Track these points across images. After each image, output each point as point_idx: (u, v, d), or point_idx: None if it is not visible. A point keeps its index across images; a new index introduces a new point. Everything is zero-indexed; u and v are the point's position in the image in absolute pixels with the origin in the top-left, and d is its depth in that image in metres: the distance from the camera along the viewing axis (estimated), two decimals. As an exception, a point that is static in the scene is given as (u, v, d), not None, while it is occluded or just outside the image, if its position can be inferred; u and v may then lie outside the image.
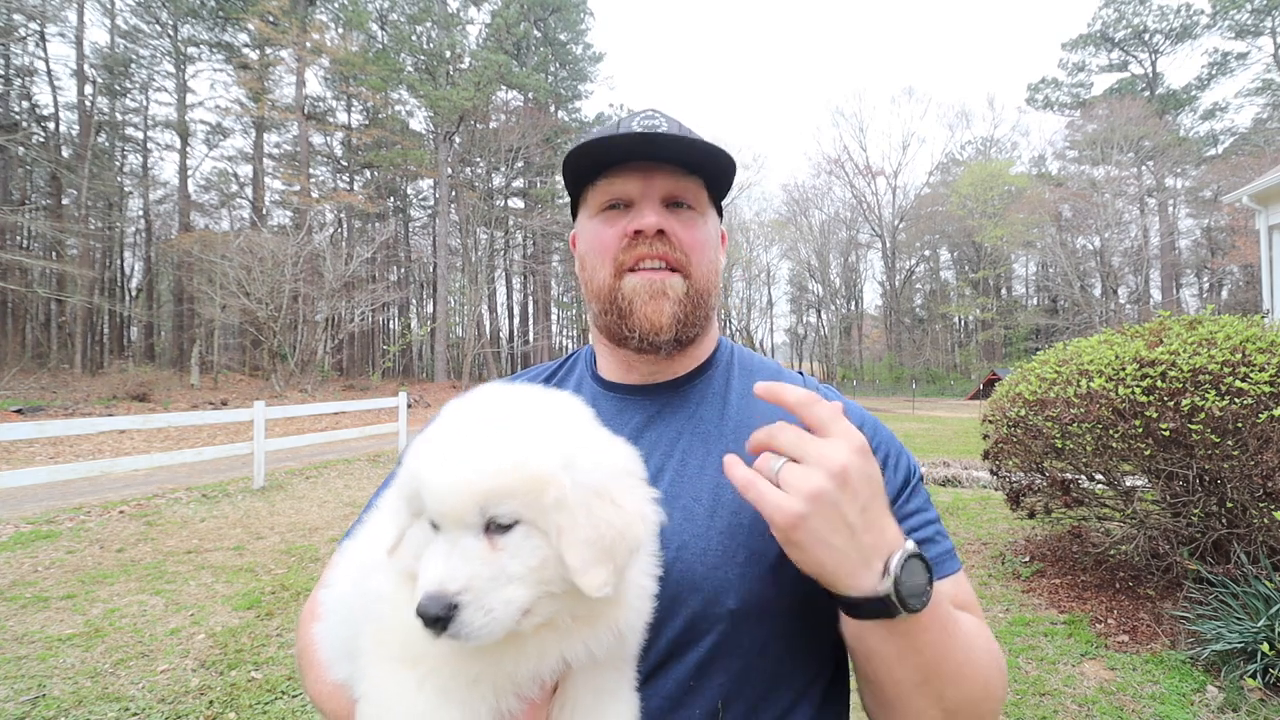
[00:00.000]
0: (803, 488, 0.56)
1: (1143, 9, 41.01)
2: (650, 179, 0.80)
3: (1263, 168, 21.83)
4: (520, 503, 0.52)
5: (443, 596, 0.50)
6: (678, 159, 0.80)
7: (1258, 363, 3.30)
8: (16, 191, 27.25)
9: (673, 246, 0.79)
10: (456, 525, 0.52)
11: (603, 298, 0.82)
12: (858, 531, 0.57)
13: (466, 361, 34.51)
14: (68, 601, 4.19)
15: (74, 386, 21.27)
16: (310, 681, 0.75)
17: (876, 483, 0.60)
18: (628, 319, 0.80)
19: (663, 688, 0.69)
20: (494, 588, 0.51)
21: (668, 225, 0.79)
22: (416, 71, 35.15)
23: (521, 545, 0.52)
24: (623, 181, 0.80)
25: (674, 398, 0.85)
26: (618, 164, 0.81)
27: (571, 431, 0.58)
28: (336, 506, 7.10)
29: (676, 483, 0.76)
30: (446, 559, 0.52)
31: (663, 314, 0.79)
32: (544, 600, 0.53)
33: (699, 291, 0.81)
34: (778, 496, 0.57)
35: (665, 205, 0.81)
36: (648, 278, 0.79)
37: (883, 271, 51.07)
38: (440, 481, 0.52)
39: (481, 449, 0.53)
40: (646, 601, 0.62)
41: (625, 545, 0.54)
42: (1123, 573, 4.17)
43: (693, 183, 0.82)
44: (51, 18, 25.10)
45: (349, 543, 0.75)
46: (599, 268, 0.82)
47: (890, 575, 0.57)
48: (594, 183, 0.84)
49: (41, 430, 6.16)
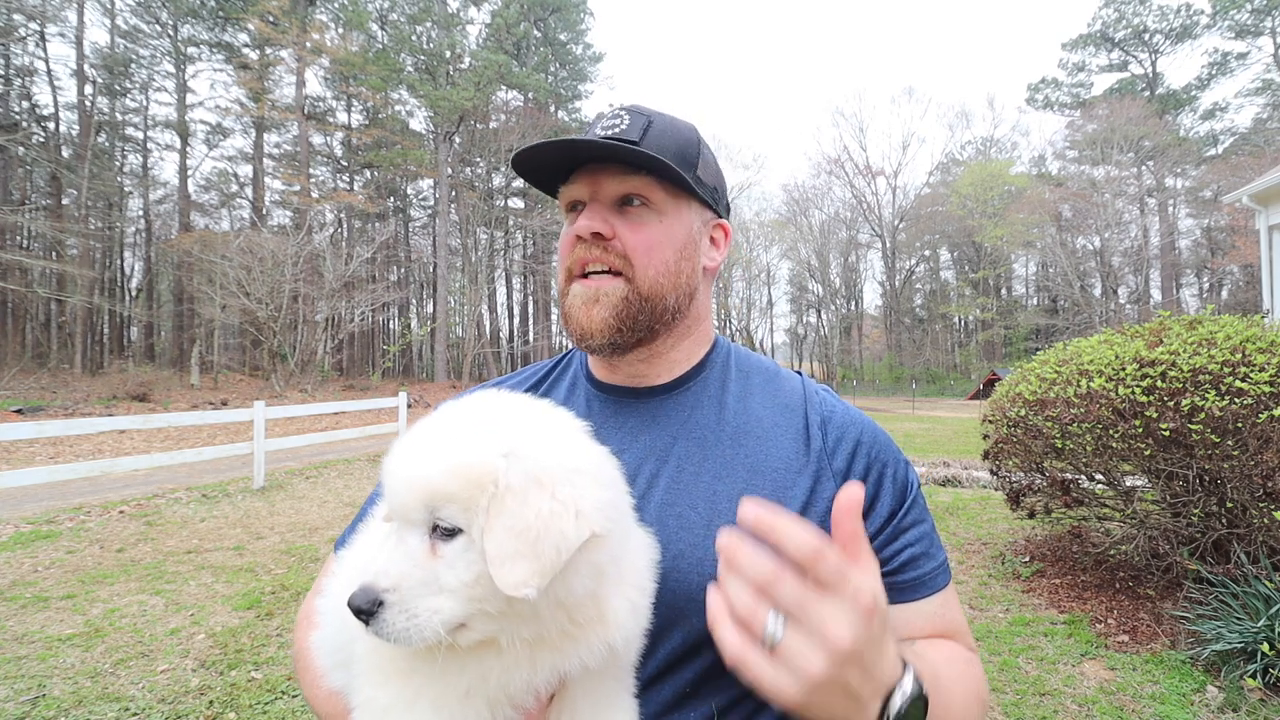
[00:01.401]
0: (804, 671, 0.49)
1: (1143, 9, 41.01)
2: (597, 180, 0.79)
3: (1263, 168, 21.83)
4: (460, 507, 0.51)
5: (372, 590, 0.50)
6: (616, 157, 0.77)
7: (1258, 363, 3.30)
8: (16, 191, 27.24)
9: (608, 250, 0.78)
10: (406, 521, 0.53)
11: (559, 302, 0.85)
12: (858, 693, 0.52)
13: (466, 361, 34.52)
14: (68, 601, 4.19)
15: (74, 386, 21.27)
16: (307, 686, 0.74)
17: (882, 640, 0.53)
18: (569, 323, 0.82)
19: (659, 696, 0.69)
20: (423, 594, 0.50)
21: (607, 228, 0.78)
22: (416, 71, 35.14)
23: (459, 557, 0.51)
24: (576, 185, 0.81)
25: (668, 401, 0.84)
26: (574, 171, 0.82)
27: (526, 429, 0.56)
28: (336, 506, 7.10)
29: (672, 489, 0.75)
30: (390, 554, 0.52)
31: (593, 320, 0.78)
32: (479, 617, 0.52)
33: (643, 295, 0.78)
34: (774, 679, 0.50)
35: (617, 205, 0.80)
36: (584, 285, 0.80)
37: (883, 271, 51.12)
38: (392, 477, 0.53)
39: (434, 450, 0.53)
40: (640, 617, 0.61)
41: (551, 540, 0.49)
42: (1123, 573, 4.17)
43: (642, 179, 0.78)
44: (51, 18, 25.10)
45: (344, 551, 0.75)
46: (560, 274, 0.84)
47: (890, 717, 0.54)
48: (560, 188, 0.85)
49: (41, 430, 6.16)
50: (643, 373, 0.85)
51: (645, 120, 0.79)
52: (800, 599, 0.50)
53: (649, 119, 0.80)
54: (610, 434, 0.77)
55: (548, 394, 0.90)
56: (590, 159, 0.80)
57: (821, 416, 0.80)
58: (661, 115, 0.82)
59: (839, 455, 0.77)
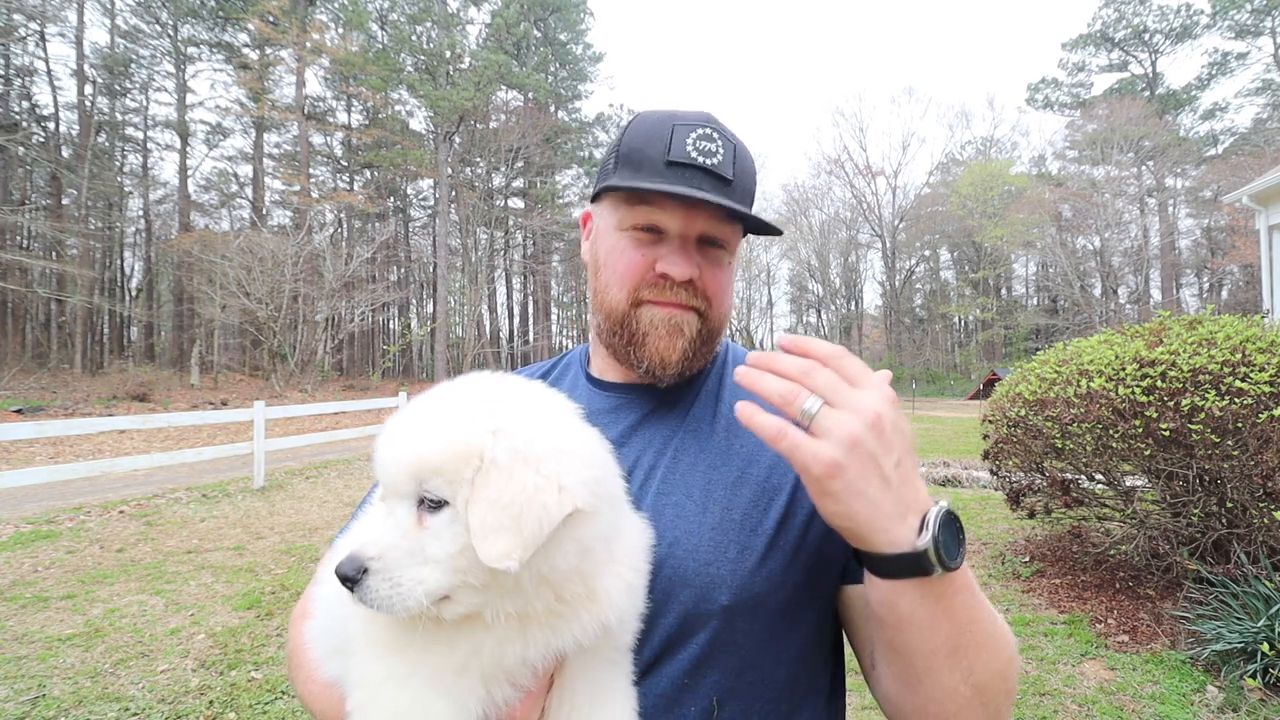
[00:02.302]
0: (841, 435, 0.53)
1: (1143, 9, 41.00)
2: (692, 217, 0.76)
3: (1263, 168, 21.82)
4: (446, 480, 0.52)
5: (359, 558, 0.51)
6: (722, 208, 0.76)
7: (1258, 363, 3.30)
8: (16, 191, 27.24)
9: (696, 294, 0.78)
10: (395, 494, 0.54)
11: (614, 319, 0.80)
12: (893, 484, 0.55)
13: (466, 361, 34.51)
14: (68, 601, 4.19)
15: (74, 386, 21.27)
16: (301, 682, 0.74)
17: (908, 437, 0.58)
18: (639, 348, 0.79)
19: (657, 686, 0.68)
20: (408, 564, 0.51)
21: (697, 274, 0.77)
22: (416, 71, 35.12)
23: (445, 529, 0.52)
24: (664, 214, 0.76)
25: (668, 397, 0.84)
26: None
27: (517, 408, 0.57)
28: (336, 506, 7.10)
29: (669, 479, 0.77)
30: (379, 526, 0.53)
31: (675, 351, 0.78)
32: (463, 590, 0.52)
33: (712, 331, 0.81)
34: (814, 445, 0.54)
35: (699, 243, 0.78)
36: (667, 313, 0.78)
37: (883, 271, 51.09)
38: (383, 451, 0.55)
39: (423, 425, 0.54)
40: (636, 598, 0.62)
41: (533, 513, 0.50)
42: (1123, 573, 4.17)
43: (734, 228, 0.80)
44: (51, 18, 25.09)
45: (342, 539, 0.75)
46: (615, 288, 0.80)
47: (929, 530, 0.55)
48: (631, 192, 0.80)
49: (41, 430, 6.16)
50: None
51: (733, 149, 0.78)
52: (834, 383, 0.56)
53: (735, 146, 0.78)
54: (609, 430, 0.78)
55: None
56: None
57: None
58: (738, 140, 0.81)
59: None
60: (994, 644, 0.61)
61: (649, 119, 0.80)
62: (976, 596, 0.61)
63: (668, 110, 0.80)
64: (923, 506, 0.56)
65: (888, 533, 0.55)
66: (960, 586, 0.58)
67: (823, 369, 0.57)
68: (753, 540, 0.71)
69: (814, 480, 0.55)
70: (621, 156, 0.80)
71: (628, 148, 0.79)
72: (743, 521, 0.72)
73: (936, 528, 0.55)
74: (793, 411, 0.56)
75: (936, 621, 0.58)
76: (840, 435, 0.53)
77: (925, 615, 0.58)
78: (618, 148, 0.81)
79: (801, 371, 0.57)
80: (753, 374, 0.59)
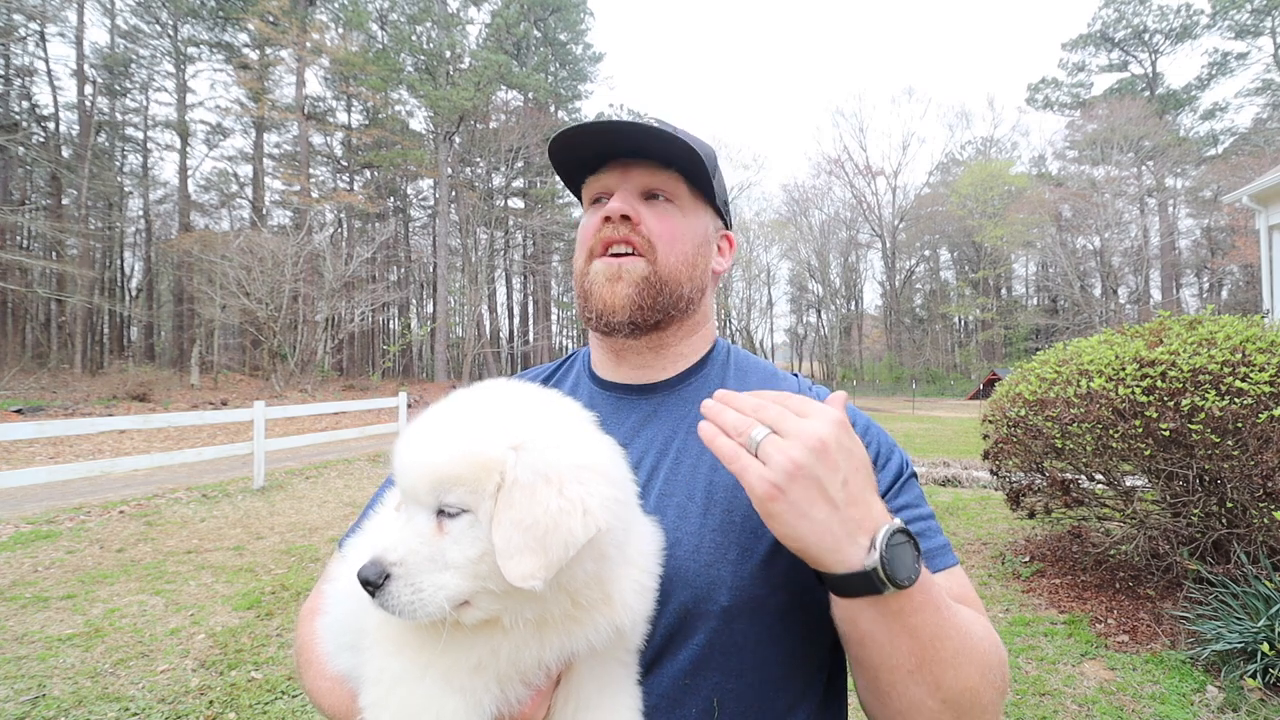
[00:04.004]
0: (781, 460, 0.56)
1: (1143, 9, 41.00)
2: (627, 172, 0.84)
3: (1263, 168, 21.83)
4: (467, 490, 0.52)
5: (380, 563, 0.52)
6: (647, 153, 0.83)
7: (1258, 363, 3.30)
8: (16, 191, 27.23)
9: (635, 230, 0.82)
10: (414, 502, 0.54)
11: (577, 282, 0.87)
12: (839, 505, 0.56)
13: (466, 362, 34.52)
14: (68, 601, 4.19)
15: (74, 386, 21.26)
16: (310, 677, 0.75)
17: (858, 458, 0.60)
18: (589, 301, 0.84)
19: (658, 685, 0.69)
20: (429, 569, 0.52)
21: (635, 212, 0.82)
22: (416, 71, 35.13)
23: (464, 534, 0.53)
24: (605, 176, 0.85)
25: (669, 397, 0.86)
26: (605, 163, 0.86)
27: (537, 422, 0.57)
28: (336, 506, 7.10)
29: (670, 480, 0.77)
30: (399, 532, 0.54)
31: (616, 296, 0.81)
32: (483, 595, 0.53)
33: (662, 279, 0.82)
34: (757, 468, 0.57)
35: (643, 197, 0.84)
36: (608, 262, 0.83)
37: (883, 271, 51.11)
38: (403, 460, 0.55)
39: (442, 435, 0.55)
40: (646, 599, 0.62)
41: (558, 537, 0.51)
42: (1123, 573, 4.17)
43: (669, 175, 0.84)
44: (51, 18, 25.09)
45: (353, 539, 0.76)
46: (579, 256, 0.87)
47: (876, 549, 0.56)
48: (586, 180, 0.89)
49: (41, 430, 6.16)
50: (649, 363, 0.88)
51: (672, 129, 0.83)
52: (781, 415, 0.60)
53: (675, 130, 0.83)
54: (613, 430, 0.78)
55: None
56: (623, 153, 0.84)
57: None
58: (686, 130, 0.87)
59: None
60: (964, 660, 0.61)
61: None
62: (942, 614, 0.61)
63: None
64: (874, 525, 0.58)
65: (837, 553, 0.57)
66: (921, 604, 0.59)
67: (773, 405, 0.62)
68: (754, 543, 0.71)
69: (758, 501, 0.58)
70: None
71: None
72: (744, 524, 0.73)
73: (884, 547, 0.56)
74: (742, 440, 0.60)
75: (896, 639, 0.59)
76: (780, 461, 0.56)
77: (883, 633, 0.59)
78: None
79: (754, 407, 0.62)
80: (715, 408, 0.65)
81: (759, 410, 0.62)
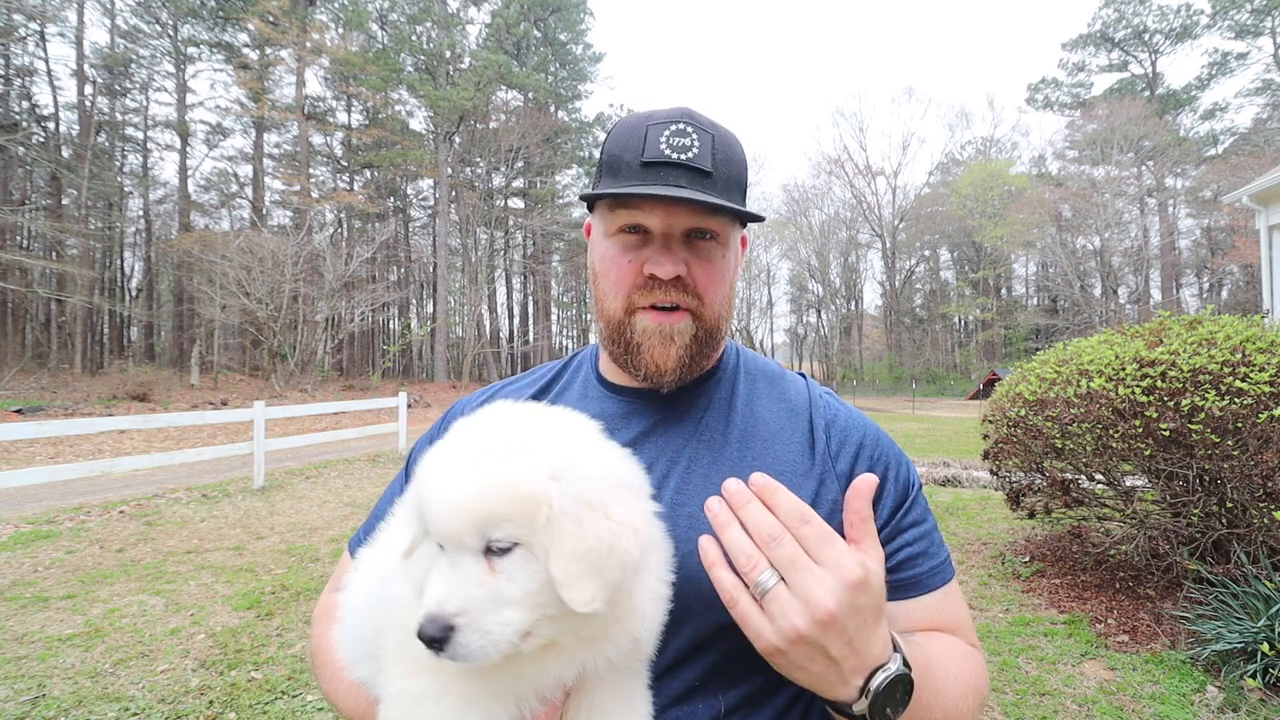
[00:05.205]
0: (785, 626, 0.54)
1: (1143, 9, 41.01)
2: (673, 214, 0.76)
3: (1263, 168, 21.83)
4: (517, 525, 0.53)
5: (440, 618, 0.51)
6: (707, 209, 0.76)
7: (1258, 363, 3.30)
8: (16, 191, 27.23)
9: (687, 291, 0.77)
10: (457, 547, 0.54)
11: (611, 327, 0.81)
12: (839, 659, 0.56)
13: (466, 361, 34.55)
14: (68, 601, 4.19)
15: (74, 386, 21.27)
16: (327, 681, 0.75)
17: (869, 610, 0.57)
18: (635, 357, 0.79)
19: (669, 689, 0.69)
20: (491, 610, 0.52)
21: (685, 270, 0.77)
22: (416, 71, 35.14)
23: (519, 569, 0.53)
24: (645, 214, 0.76)
25: (679, 404, 0.84)
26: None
27: (566, 447, 0.58)
28: (336, 506, 7.10)
29: (682, 489, 0.76)
30: (447, 580, 0.53)
31: (669, 358, 0.78)
32: (543, 622, 0.54)
33: (709, 330, 0.80)
34: (759, 624, 0.56)
35: (686, 236, 0.78)
36: (658, 321, 0.78)
37: (883, 271, 51.10)
38: (440, 506, 0.53)
39: (478, 474, 0.54)
40: (662, 606, 0.63)
41: (615, 559, 0.53)
42: (1123, 573, 4.17)
43: (717, 217, 0.78)
44: (51, 18, 25.09)
45: (365, 550, 0.76)
46: (610, 296, 0.80)
47: (869, 696, 0.57)
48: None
49: (41, 430, 6.16)
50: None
51: (710, 139, 0.77)
52: (793, 558, 0.56)
53: (712, 136, 0.77)
54: (622, 435, 0.78)
55: (559, 396, 0.91)
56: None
57: (826, 420, 0.82)
58: (718, 129, 0.79)
59: (842, 458, 0.78)
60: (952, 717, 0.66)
61: (626, 124, 0.81)
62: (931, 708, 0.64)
63: (644, 112, 0.81)
64: (871, 666, 0.57)
65: (830, 693, 0.58)
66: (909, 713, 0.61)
67: (786, 538, 0.57)
68: None
69: (756, 647, 0.57)
70: (604, 164, 0.81)
71: (608, 155, 0.80)
72: None
73: (876, 694, 0.57)
74: (748, 581, 0.57)
75: None
76: (784, 626, 0.54)
77: None
78: (601, 156, 0.82)
79: (766, 538, 0.57)
80: (723, 516, 0.60)
81: (770, 545, 0.57)
